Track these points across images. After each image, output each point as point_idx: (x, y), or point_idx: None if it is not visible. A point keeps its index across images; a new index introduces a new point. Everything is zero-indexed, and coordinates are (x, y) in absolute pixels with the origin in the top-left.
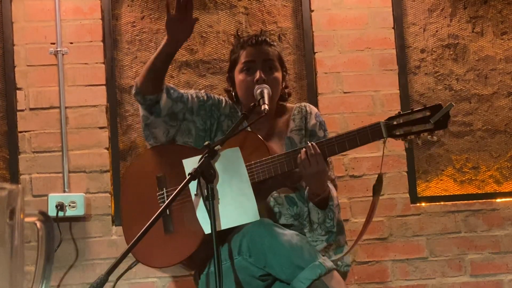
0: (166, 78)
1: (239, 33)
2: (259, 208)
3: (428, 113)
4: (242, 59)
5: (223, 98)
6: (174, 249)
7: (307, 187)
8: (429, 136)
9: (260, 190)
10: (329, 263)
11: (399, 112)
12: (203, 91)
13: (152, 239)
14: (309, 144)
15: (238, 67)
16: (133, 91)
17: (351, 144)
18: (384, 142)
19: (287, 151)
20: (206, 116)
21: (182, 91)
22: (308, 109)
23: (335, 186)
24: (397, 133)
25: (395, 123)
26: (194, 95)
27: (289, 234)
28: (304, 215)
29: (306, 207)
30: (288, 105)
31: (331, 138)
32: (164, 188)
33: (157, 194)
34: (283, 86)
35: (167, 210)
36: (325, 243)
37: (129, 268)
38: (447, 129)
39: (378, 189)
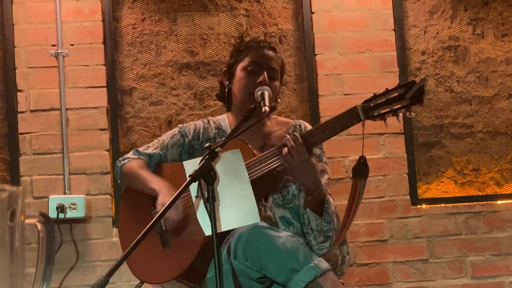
0: (166, 80)
1: (243, 37)
2: None
3: (402, 91)
4: (249, 58)
5: (202, 123)
6: (173, 262)
7: (302, 197)
8: (407, 113)
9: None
10: (324, 265)
11: (374, 94)
12: (177, 129)
13: (151, 257)
14: (288, 136)
15: (243, 64)
16: (117, 175)
17: (331, 132)
18: (363, 125)
19: (270, 150)
20: (189, 154)
21: (157, 148)
22: (302, 127)
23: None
24: (375, 114)
25: (371, 105)
26: (170, 144)
27: (284, 237)
28: (305, 224)
29: (305, 214)
30: (284, 120)
31: (311, 130)
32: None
33: (152, 212)
34: (276, 96)
35: (163, 225)
36: (329, 245)
37: None
38: (424, 104)
39: (358, 171)
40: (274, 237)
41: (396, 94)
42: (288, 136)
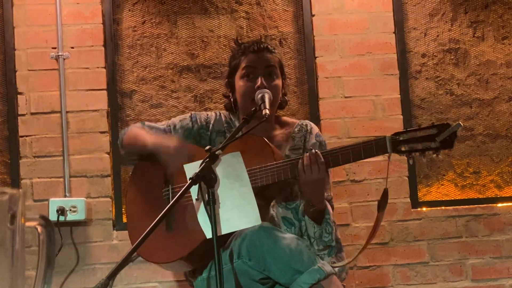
0: (166, 83)
1: (238, 40)
2: (261, 215)
3: (434, 131)
4: (243, 65)
5: (214, 114)
6: (175, 245)
7: (303, 199)
8: (434, 155)
9: (262, 196)
10: (328, 268)
11: (405, 129)
12: (188, 115)
13: (154, 236)
14: (313, 151)
15: (239, 73)
16: (119, 145)
17: (355, 156)
18: (389, 157)
19: (290, 158)
20: (195, 141)
21: (164, 125)
22: (308, 127)
23: (332, 207)
24: (402, 149)
25: (401, 138)
26: (179, 125)
27: (289, 238)
28: (303, 231)
29: (303, 221)
30: (290, 120)
31: (335, 149)
32: (170, 185)
33: (163, 190)
34: (282, 93)
35: None
36: (328, 257)
37: (129, 256)
38: (452, 150)
39: (383, 205)
40: (279, 238)
41: (428, 133)
42: (312, 151)
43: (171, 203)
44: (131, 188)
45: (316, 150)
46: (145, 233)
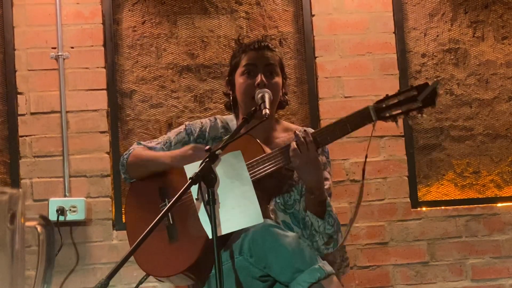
0: (166, 83)
1: (240, 39)
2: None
3: (415, 92)
4: (243, 62)
5: (209, 121)
6: (180, 256)
7: (303, 200)
8: (418, 115)
9: (260, 189)
10: (328, 268)
11: (386, 95)
12: (183, 127)
13: (158, 250)
14: (297, 133)
15: (239, 70)
16: (122, 169)
17: (342, 131)
18: (374, 126)
19: (280, 147)
20: None
21: (160, 143)
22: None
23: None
24: (387, 115)
25: (383, 105)
26: (175, 140)
27: (291, 237)
28: (308, 227)
29: (306, 217)
30: (294, 126)
31: (321, 128)
32: (166, 199)
33: (160, 206)
34: (283, 92)
35: (171, 219)
36: (331, 250)
37: (140, 283)
38: (435, 107)
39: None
40: (281, 236)
41: (409, 96)
42: (298, 132)
43: (172, 201)
44: (129, 208)
45: (305, 129)
46: (145, 232)
